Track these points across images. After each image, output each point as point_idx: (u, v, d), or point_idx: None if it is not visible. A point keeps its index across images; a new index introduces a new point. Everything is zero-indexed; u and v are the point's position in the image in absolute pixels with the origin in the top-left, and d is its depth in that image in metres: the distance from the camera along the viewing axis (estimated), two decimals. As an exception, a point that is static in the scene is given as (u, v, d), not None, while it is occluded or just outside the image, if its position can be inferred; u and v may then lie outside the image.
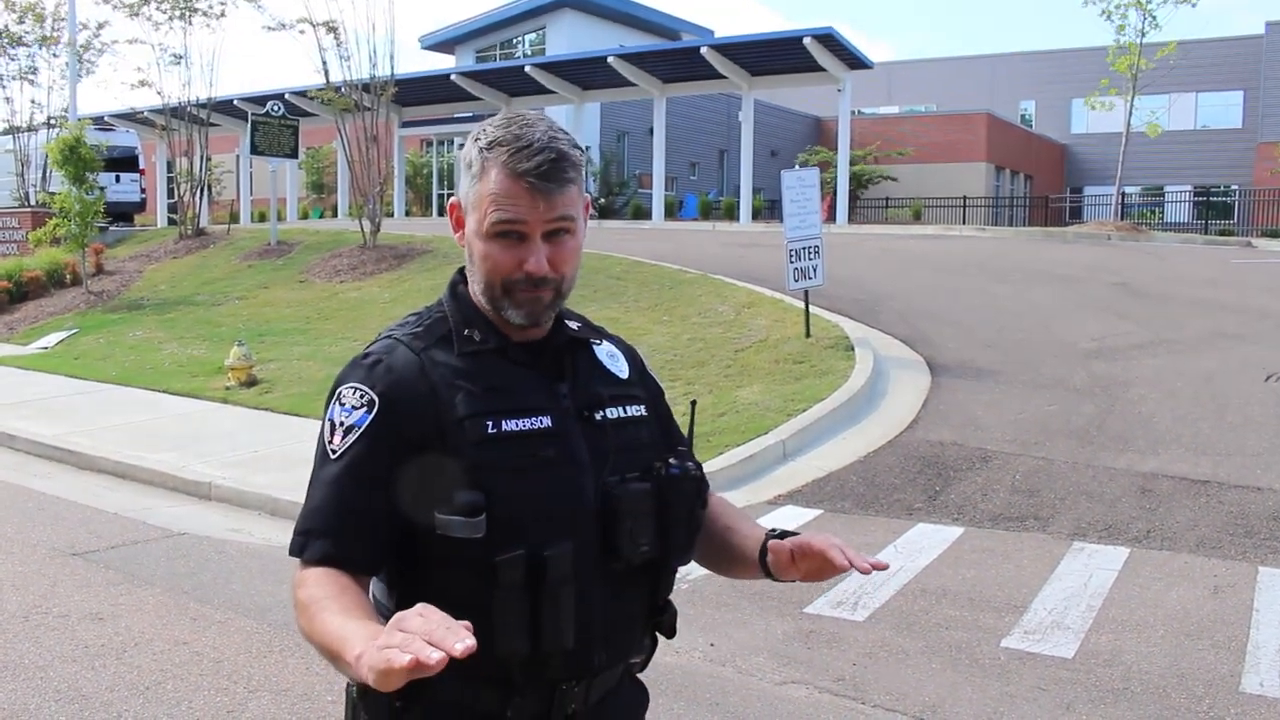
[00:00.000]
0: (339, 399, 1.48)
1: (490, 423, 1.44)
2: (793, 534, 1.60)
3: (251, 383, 10.65)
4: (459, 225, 1.55)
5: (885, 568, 1.50)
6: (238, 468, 7.80)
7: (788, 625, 4.86)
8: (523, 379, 1.51)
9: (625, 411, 1.58)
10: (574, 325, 1.62)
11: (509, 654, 1.41)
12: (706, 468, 1.91)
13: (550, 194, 1.47)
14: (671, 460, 1.54)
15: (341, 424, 1.45)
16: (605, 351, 1.64)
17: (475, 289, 1.54)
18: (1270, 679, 4.23)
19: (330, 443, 1.46)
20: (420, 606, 1.17)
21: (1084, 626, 4.78)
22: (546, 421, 1.48)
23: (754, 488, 7.16)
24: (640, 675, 1.68)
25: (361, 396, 1.45)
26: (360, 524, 1.43)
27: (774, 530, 1.62)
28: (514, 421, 1.46)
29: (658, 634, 1.63)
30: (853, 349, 9.94)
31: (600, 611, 1.49)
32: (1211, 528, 6.13)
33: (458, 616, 1.30)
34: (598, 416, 1.53)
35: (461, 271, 1.61)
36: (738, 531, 1.69)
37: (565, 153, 1.48)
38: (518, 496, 1.43)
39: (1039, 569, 5.58)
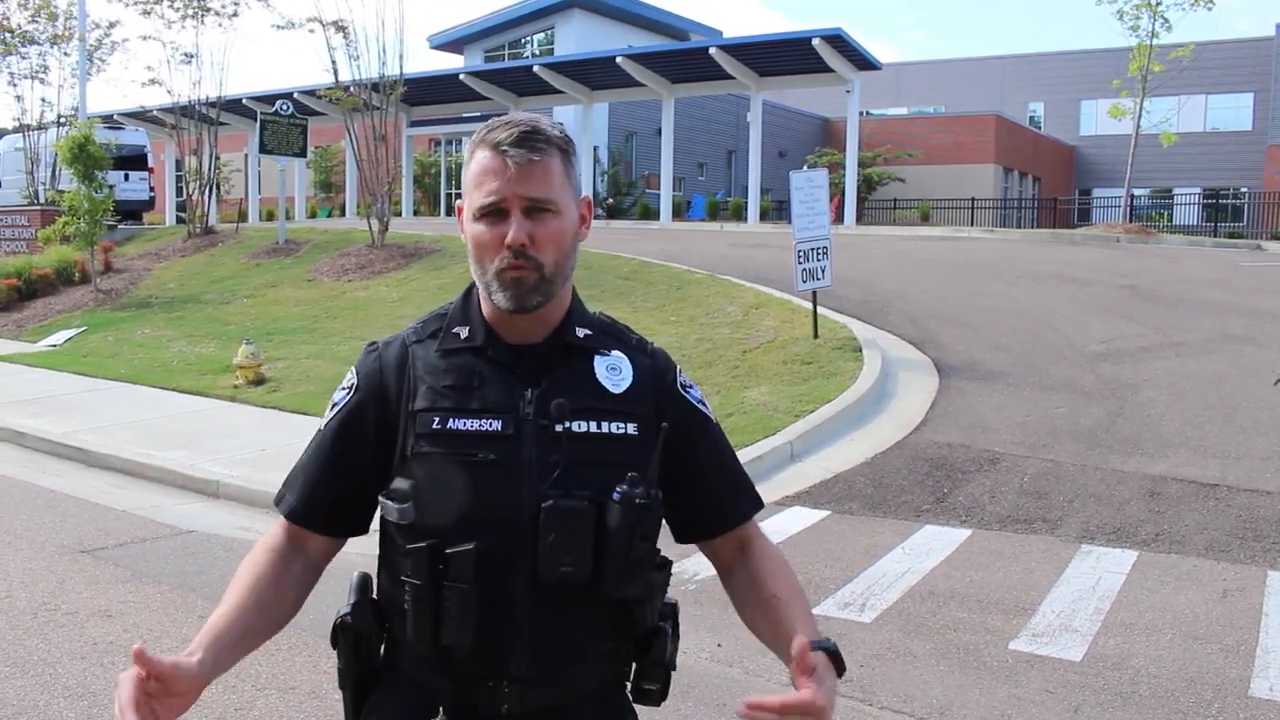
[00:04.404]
0: (343, 379, 1.63)
1: (438, 419, 1.49)
2: (827, 647, 1.46)
3: (259, 381, 10.68)
4: (463, 226, 1.57)
5: None
6: (246, 466, 7.81)
7: (795, 626, 4.85)
8: (491, 380, 1.51)
9: (599, 427, 1.51)
10: (582, 333, 1.58)
11: (416, 639, 1.47)
12: None
13: (524, 164, 1.46)
14: (621, 485, 1.45)
15: (333, 401, 1.61)
16: (606, 363, 1.58)
17: (478, 282, 1.56)
18: (1280, 683, 4.22)
19: (325, 415, 1.62)
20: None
21: (1092, 629, 4.77)
22: (497, 425, 1.48)
23: (762, 489, 7.00)
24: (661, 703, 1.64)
25: (350, 379, 1.60)
26: (323, 491, 1.57)
27: (819, 641, 1.47)
28: (462, 421, 1.49)
29: (637, 666, 1.58)
30: (861, 350, 9.93)
31: (525, 621, 1.46)
32: (1220, 531, 6.11)
33: (402, 593, 1.48)
34: (558, 427, 1.48)
35: None
36: (782, 610, 1.65)
37: (541, 127, 1.49)
38: (444, 492, 1.46)
39: (1047, 571, 5.56)
